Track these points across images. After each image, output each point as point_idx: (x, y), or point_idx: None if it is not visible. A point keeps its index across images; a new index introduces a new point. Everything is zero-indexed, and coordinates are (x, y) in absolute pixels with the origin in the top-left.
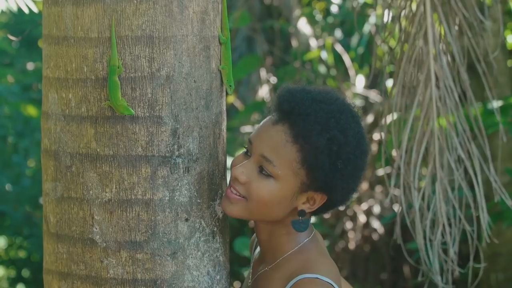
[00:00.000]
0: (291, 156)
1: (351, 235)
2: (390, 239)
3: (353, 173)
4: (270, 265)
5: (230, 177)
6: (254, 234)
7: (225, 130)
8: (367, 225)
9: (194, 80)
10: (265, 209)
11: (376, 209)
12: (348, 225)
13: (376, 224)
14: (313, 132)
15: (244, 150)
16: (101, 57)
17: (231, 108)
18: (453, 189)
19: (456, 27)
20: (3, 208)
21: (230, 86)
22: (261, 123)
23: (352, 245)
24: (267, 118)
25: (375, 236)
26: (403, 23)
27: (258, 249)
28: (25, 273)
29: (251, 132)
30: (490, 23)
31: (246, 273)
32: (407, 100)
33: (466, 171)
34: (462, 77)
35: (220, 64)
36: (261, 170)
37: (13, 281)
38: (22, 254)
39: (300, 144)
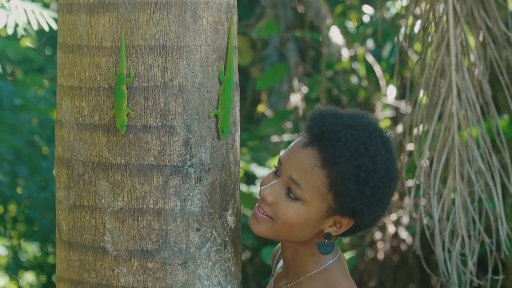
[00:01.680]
0: (319, 181)
1: (380, 245)
2: (419, 249)
3: (380, 200)
4: (292, 282)
5: (258, 196)
6: (278, 245)
7: (238, 141)
8: (396, 235)
9: (207, 90)
10: (291, 231)
11: (405, 220)
12: (377, 235)
13: (404, 234)
14: (341, 158)
15: (274, 169)
16: (115, 66)
17: (261, 117)
18: (473, 201)
19: (480, 38)
20: (31, 214)
21: (223, 131)
22: (291, 144)
23: (381, 255)
24: (298, 139)
25: (403, 247)
26: (430, 33)
27: (280, 263)
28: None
29: (279, 142)
30: None
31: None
32: (429, 111)
33: (486, 183)
34: (484, 89)
35: (218, 108)
36: (288, 192)
37: (43, 287)
38: (51, 260)
39: (328, 169)
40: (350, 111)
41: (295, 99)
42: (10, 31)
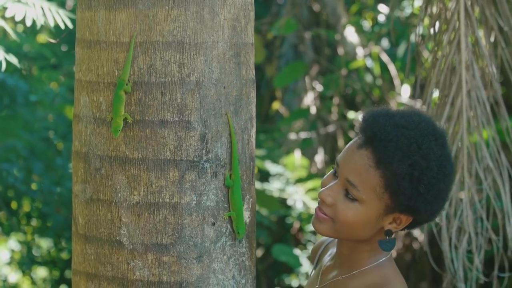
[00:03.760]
0: (374, 181)
1: None
2: (431, 248)
3: (436, 196)
4: (344, 275)
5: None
6: (320, 240)
7: (254, 136)
8: (408, 233)
9: (224, 86)
10: (352, 230)
11: None
12: None
13: (417, 232)
14: (394, 158)
15: (333, 170)
16: (132, 61)
17: (276, 115)
18: (481, 199)
19: (492, 38)
20: (45, 209)
21: (239, 233)
22: (348, 145)
23: (393, 254)
24: (354, 140)
25: (415, 245)
26: (442, 31)
27: (327, 256)
28: (68, 274)
29: (294, 140)
30: None
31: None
32: (439, 109)
33: (494, 181)
34: (495, 88)
35: (230, 209)
36: (346, 193)
37: (55, 282)
38: (64, 255)
39: (382, 170)
40: (402, 110)
41: (310, 97)
42: (29, 22)
